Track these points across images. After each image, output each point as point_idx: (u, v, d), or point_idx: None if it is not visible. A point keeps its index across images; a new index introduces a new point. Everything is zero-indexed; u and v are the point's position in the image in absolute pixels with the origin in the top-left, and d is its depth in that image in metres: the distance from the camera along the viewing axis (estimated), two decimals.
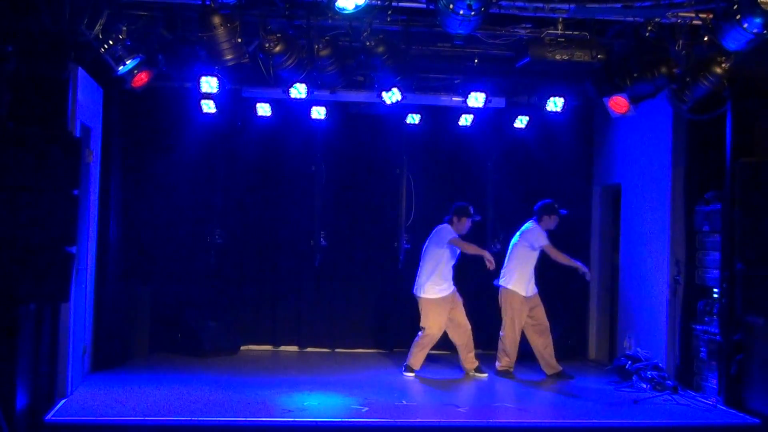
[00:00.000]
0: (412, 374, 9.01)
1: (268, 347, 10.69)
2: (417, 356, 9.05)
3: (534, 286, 9.21)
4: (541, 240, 9.09)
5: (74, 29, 6.85)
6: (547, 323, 9.19)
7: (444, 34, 7.15)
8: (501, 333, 9.19)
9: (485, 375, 9.10)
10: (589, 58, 7.51)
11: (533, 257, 9.15)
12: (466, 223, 9.07)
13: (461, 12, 6.17)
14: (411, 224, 10.67)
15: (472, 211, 9.10)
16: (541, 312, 9.20)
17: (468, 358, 9.14)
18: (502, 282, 9.19)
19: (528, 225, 9.25)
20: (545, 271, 10.82)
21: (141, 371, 8.83)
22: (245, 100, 9.77)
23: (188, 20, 7.42)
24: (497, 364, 9.19)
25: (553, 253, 9.09)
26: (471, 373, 9.11)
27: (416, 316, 9.18)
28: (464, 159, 10.89)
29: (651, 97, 8.67)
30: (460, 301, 9.12)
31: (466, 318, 9.11)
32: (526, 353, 10.19)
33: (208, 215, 10.50)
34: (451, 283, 9.07)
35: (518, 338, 9.16)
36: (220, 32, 6.80)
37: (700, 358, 8.42)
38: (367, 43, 7.39)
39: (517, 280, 9.09)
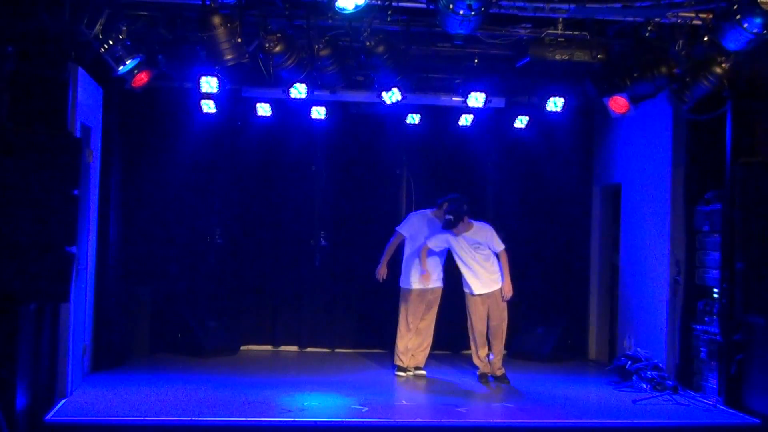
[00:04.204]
0: None
1: (268, 347, 10.69)
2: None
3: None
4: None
5: (74, 29, 6.84)
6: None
7: (444, 34, 7.15)
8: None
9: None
10: (589, 58, 7.52)
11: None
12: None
13: (461, 12, 6.17)
14: None
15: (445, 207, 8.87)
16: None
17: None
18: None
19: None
20: (544, 271, 10.90)
21: (141, 371, 8.83)
22: (245, 100, 9.76)
23: (188, 20, 7.41)
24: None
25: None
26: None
27: None
28: (464, 159, 10.88)
29: (651, 97, 8.66)
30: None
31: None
32: (517, 353, 10.22)
33: (208, 215, 10.51)
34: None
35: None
36: (220, 32, 6.80)
37: (700, 358, 8.41)
38: (367, 43, 7.39)
39: None
